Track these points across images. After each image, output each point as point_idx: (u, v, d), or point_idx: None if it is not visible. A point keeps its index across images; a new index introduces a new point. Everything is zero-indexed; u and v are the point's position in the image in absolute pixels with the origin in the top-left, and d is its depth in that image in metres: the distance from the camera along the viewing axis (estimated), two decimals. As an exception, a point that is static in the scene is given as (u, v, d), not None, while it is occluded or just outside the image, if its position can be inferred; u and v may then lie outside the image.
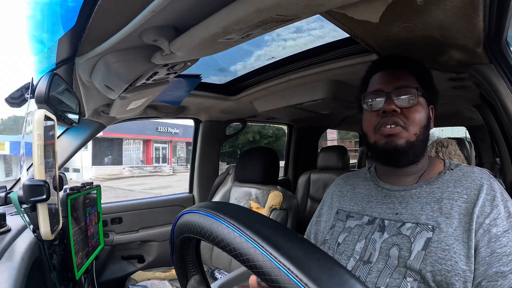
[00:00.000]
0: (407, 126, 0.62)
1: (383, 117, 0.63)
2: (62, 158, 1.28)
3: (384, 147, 0.63)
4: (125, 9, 0.57)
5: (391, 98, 0.63)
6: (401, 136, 0.62)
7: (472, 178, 0.60)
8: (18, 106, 0.70)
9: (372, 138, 0.66)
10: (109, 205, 1.72)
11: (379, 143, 0.64)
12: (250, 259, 0.25)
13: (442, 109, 2.01)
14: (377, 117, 0.64)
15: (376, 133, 0.64)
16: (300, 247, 0.25)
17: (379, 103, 0.65)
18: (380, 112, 0.64)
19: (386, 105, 0.63)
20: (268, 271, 0.24)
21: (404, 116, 0.62)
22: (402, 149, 0.62)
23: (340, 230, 0.68)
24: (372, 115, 0.66)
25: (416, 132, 0.62)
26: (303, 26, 1.11)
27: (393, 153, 0.62)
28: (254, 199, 1.67)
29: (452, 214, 0.57)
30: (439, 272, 0.52)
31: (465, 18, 0.66)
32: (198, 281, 0.39)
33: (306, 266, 0.23)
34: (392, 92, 0.63)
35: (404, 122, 0.62)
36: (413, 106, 0.63)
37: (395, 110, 0.62)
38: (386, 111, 0.62)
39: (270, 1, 0.49)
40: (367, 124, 0.67)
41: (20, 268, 0.58)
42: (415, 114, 0.63)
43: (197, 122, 2.03)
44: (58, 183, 0.71)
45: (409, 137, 0.62)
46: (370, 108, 0.66)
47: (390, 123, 0.62)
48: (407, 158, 0.63)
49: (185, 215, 0.33)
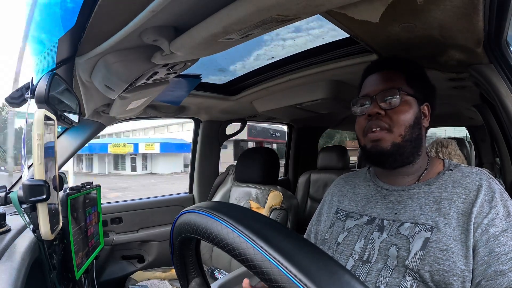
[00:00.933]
0: (392, 128, 0.63)
1: (369, 121, 0.65)
2: (62, 158, 1.28)
3: (370, 151, 0.65)
4: (125, 9, 0.57)
5: (376, 101, 0.64)
6: (386, 140, 0.63)
7: (471, 178, 0.61)
8: (18, 106, 0.70)
9: (362, 142, 0.68)
10: (109, 205, 1.72)
11: (367, 147, 0.66)
12: (249, 259, 0.25)
13: (442, 109, 2.01)
14: (364, 121, 0.66)
15: (364, 137, 0.66)
16: (300, 247, 0.25)
17: (366, 107, 0.66)
18: (366, 116, 0.65)
19: (371, 108, 0.64)
20: (267, 271, 0.24)
21: (389, 118, 0.63)
22: (388, 152, 0.63)
23: (339, 229, 0.69)
24: (361, 119, 0.68)
25: (401, 133, 0.62)
26: (302, 26, 1.11)
27: (379, 156, 0.64)
28: (254, 199, 1.67)
29: (450, 215, 0.57)
30: (437, 272, 0.52)
31: (465, 18, 0.66)
32: (199, 283, 0.39)
33: (305, 266, 0.23)
34: (377, 95, 0.64)
35: (388, 124, 0.63)
36: (397, 107, 0.63)
37: (378, 113, 0.63)
38: (371, 115, 0.64)
39: (270, 1, 0.49)
40: (357, 127, 0.69)
41: (20, 268, 0.58)
42: (399, 115, 0.63)
43: (197, 122, 2.03)
44: (58, 183, 0.71)
45: (394, 139, 0.62)
46: (359, 112, 0.69)
47: (374, 127, 0.64)
48: (394, 160, 0.64)
49: (183, 215, 0.33)
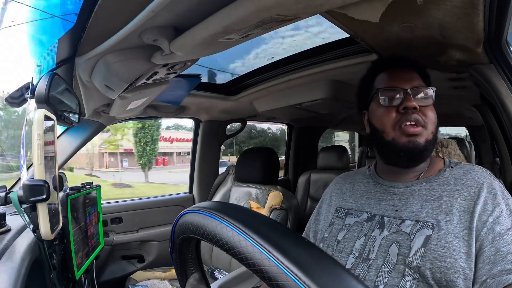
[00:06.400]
0: (426, 125, 0.62)
1: (403, 114, 0.62)
2: (62, 158, 1.28)
3: (406, 145, 0.61)
4: (125, 9, 0.57)
5: (410, 95, 0.63)
6: (422, 135, 0.62)
7: (472, 176, 0.61)
8: (18, 106, 0.70)
9: (390, 135, 0.63)
10: (109, 205, 1.72)
11: (399, 142, 0.62)
12: (256, 263, 0.25)
13: (442, 109, 1.99)
14: (396, 114, 0.63)
15: (395, 130, 0.63)
16: (305, 250, 0.24)
17: (398, 100, 0.63)
18: (400, 109, 0.62)
19: (407, 101, 0.62)
20: (274, 276, 0.23)
21: (423, 114, 0.62)
22: (423, 148, 0.62)
23: (339, 227, 0.68)
24: (389, 111, 0.63)
25: (433, 131, 0.63)
26: (300, 23, 1.11)
27: (414, 152, 0.62)
28: (254, 199, 1.67)
29: (452, 212, 0.57)
30: (438, 269, 0.52)
31: (465, 18, 0.66)
32: (197, 279, 0.38)
33: (311, 269, 0.22)
34: (411, 90, 0.63)
35: (423, 120, 0.62)
36: (431, 105, 0.64)
37: (415, 108, 0.61)
38: (407, 107, 0.61)
39: (270, 1, 0.49)
40: (385, 119, 0.64)
41: (20, 268, 0.58)
42: (431, 112, 0.64)
43: (197, 122, 2.03)
44: (58, 183, 0.71)
45: (427, 135, 0.62)
46: (387, 104, 0.64)
47: (412, 121, 0.61)
48: (424, 156, 0.64)
49: (188, 215, 0.32)
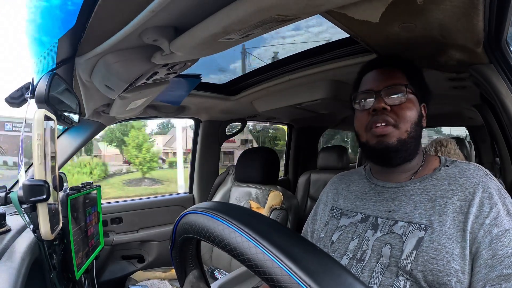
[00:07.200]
0: (398, 124, 0.62)
1: (373, 116, 0.63)
2: (62, 158, 1.28)
3: (375, 146, 0.63)
4: (125, 9, 0.57)
5: (381, 96, 0.63)
6: (392, 135, 0.61)
7: (467, 175, 0.59)
8: (18, 106, 0.70)
9: (363, 137, 0.66)
10: (109, 205, 1.72)
11: (370, 143, 0.64)
12: (267, 272, 0.24)
13: (442, 109, 2.00)
14: (367, 116, 0.65)
15: (367, 132, 0.65)
16: (316, 257, 0.25)
17: (370, 102, 0.65)
18: (371, 111, 0.64)
19: (376, 103, 0.63)
20: (277, 278, 0.23)
21: (395, 114, 0.62)
22: (394, 148, 0.62)
23: (334, 228, 0.68)
24: (363, 114, 0.66)
25: (407, 129, 0.62)
26: (301, 23, 1.11)
27: (385, 152, 0.62)
28: (254, 199, 1.67)
29: (446, 212, 0.56)
30: (430, 272, 0.52)
31: (465, 18, 0.65)
32: (196, 276, 0.38)
33: (325, 281, 0.23)
34: (382, 91, 0.63)
35: (394, 120, 0.62)
36: (403, 103, 0.63)
37: (385, 108, 0.62)
38: (376, 109, 0.63)
39: (270, 1, 0.49)
40: (358, 123, 0.67)
41: (20, 268, 0.58)
42: (406, 111, 0.62)
43: (197, 122, 2.03)
44: (58, 183, 0.71)
45: (400, 135, 0.62)
46: (361, 108, 0.67)
47: (380, 122, 0.62)
48: (400, 156, 0.63)
49: (192, 215, 0.31)
